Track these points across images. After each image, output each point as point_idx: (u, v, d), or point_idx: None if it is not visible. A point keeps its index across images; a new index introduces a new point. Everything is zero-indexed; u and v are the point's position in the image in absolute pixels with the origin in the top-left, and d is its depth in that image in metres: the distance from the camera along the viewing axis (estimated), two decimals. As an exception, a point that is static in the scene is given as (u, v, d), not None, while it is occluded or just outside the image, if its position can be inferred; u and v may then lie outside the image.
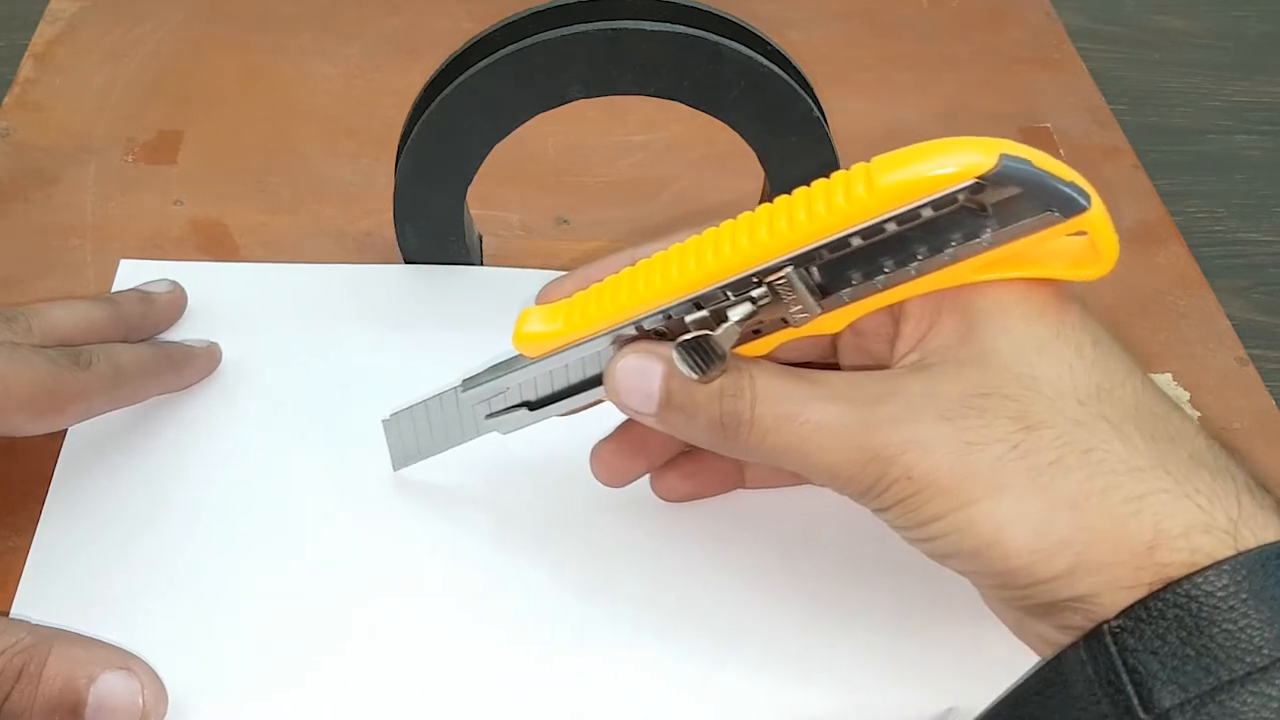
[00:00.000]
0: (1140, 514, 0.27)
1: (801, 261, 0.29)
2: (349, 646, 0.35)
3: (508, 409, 0.36)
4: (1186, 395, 0.45)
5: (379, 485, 0.39)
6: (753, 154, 0.43)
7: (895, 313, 0.31)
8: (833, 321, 0.31)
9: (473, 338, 0.44)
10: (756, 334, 0.31)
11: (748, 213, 0.30)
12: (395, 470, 0.39)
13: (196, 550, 0.37)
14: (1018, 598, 0.29)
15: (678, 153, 0.54)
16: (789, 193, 0.30)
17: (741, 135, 0.43)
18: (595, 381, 0.34)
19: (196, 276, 0.45)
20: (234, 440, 0.40)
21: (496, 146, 0.43)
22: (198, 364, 0.42)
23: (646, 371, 0.32)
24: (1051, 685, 0.28)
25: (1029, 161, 0.28)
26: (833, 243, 0.29)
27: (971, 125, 0.56)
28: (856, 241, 0.29)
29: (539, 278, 0.46)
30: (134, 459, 0.39)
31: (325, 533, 0.38)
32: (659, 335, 0.32)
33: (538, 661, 0.35)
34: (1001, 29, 0.63)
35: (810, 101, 0.42)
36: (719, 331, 0.30)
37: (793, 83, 0.41)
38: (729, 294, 0.30)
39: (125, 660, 0.33)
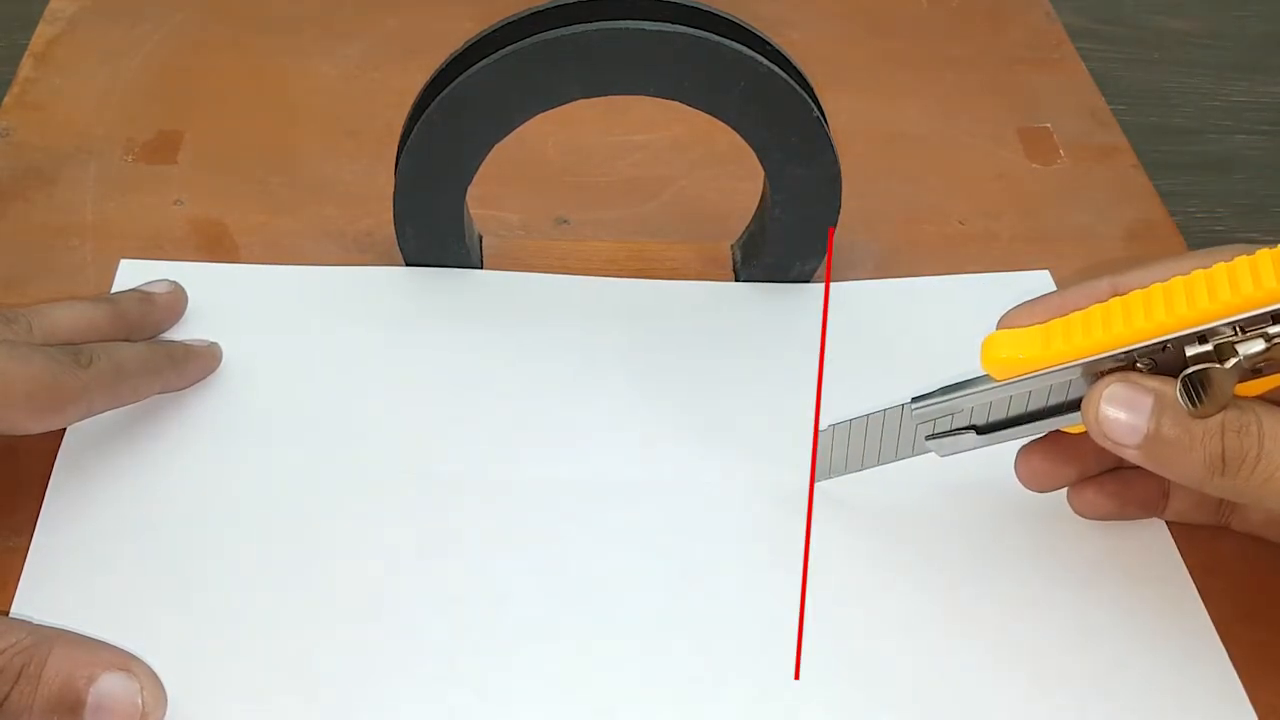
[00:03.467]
0: None
1: None
2: (349, 647, 0.35)
3: (954, 431, 0.36)
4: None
5: (379, 486, 0.39)
6: (753, 154, 0.43)
7: None
8: None
9: (473, 341, 0.44)
10: (1256, 373, 0.31)
11: (1267, 250, 0.30)
12: (819, 481, 0.39)
13: (196, 550, 0.37)
14: None
15: (678, 153, 0.54)
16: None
17: (741, 135, 0.43)
18: (1060, 410, 0.34)
19: (197, 277, 0.45)
20: (234, 440, 0.40)
21: (496, 146, 0.43)
22: (198, 363, 0.42)
23: (1136, 403, 0.31)
24: None
25: None
26: None
27: (971, 125, 0.57)
28: None
29: (539, 281, 0.47)
30: (134, 459, 0.39)
31: (325, 533, 0.38)
32: (1142, 368, 0.32)
33: (539, 667, 0.35)
34: (1001, 29, 0.63)
35: (810, 101, 0.42)
36: (1226, 366, 0.30)
37: (793, 83, 0.41)
38: (1240, 330, 0.30)
39: (125, 660, 0.33)
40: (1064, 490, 0.39)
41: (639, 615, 0.37)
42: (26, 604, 0.36)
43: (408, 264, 0.46)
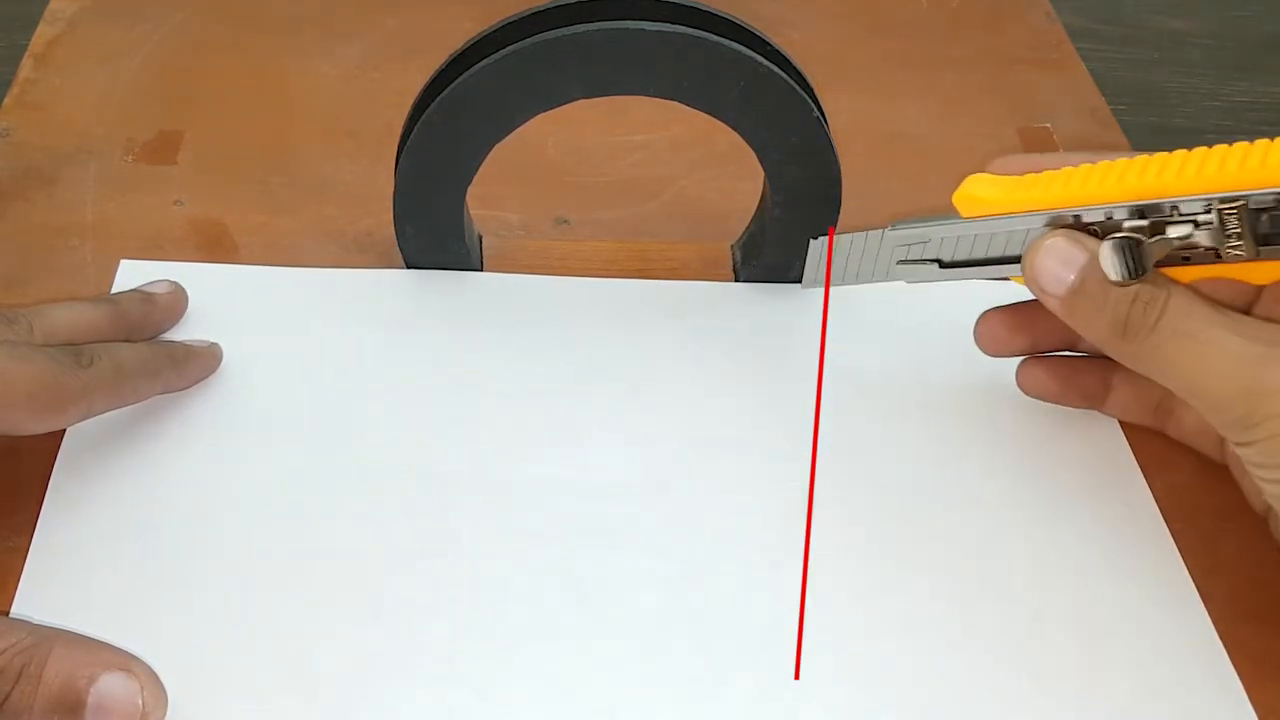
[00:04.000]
0: None
1: (1259, 202, 0.31)
2: (349, 647, 0.35)
3: (921, 260, 0.38)
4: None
5: (379, 487, 0.39)
6: (753, 154, 0.43)
7: None
8: (1264, 272, 0.32)
9: (473, 342, 0.44)
10: (1185, 261, 0.33)
11: (1243, 143, 0.32)
12: (804, 287, 0.43)
13: (196, 551, 0.37)
14: None
15: (678, 153, 0.54)
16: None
17: (741, 135, 0.43)
18: (1013, 260, 0.36)
19: (197, 277, 0.45)
20: (234, 440, 0.40)
21: (496, 146, 0.43)
22: (199, 363, 0.42)
23: (1070, 256, 0.34)
24: None
25: None
26: None
27: (971, 125, 0.57)
28: None
29: (540, 283, 0.47)
30: (134, 459, 0.40)
31: (324, 533, 0.38)
32: (1092, 233, 0.34)
33: (539, 667, 0.35)
34: (1001, 29, 0.63)
35: (810, 101, 0.42)
36: (1152, 241, 0.32)
37: (793, 83, 0.41)
38: (1176, 211, 0.32)
39: (125, 661, 0.33)
40: (1056, 495, 0.40)
41: (639, 615, 0.37)
42: (26, 604, 0.36)
43: (407, 264, 0.46)
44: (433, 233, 0.45)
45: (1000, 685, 0.35)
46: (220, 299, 0.45)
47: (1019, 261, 0.36)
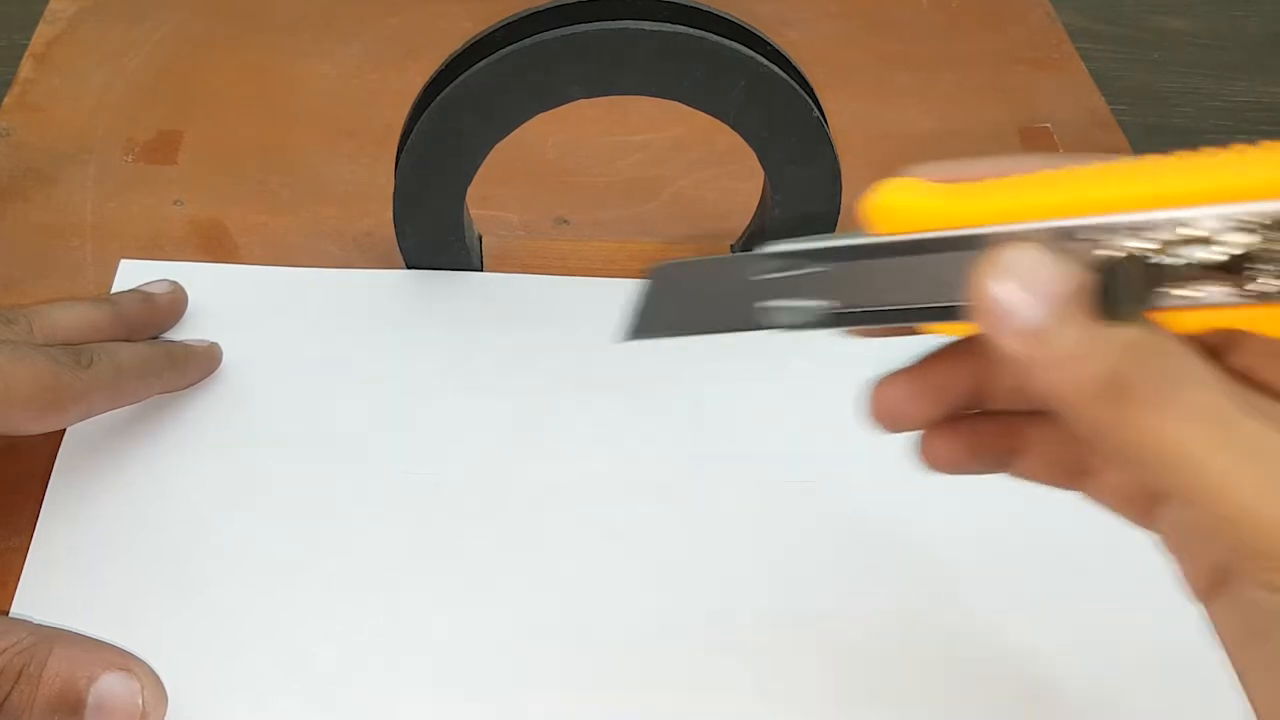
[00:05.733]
0: None
1: None
2: (349, 647, 0.35)
3: (807, 302, 0.27)
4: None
5: (378, 487, 0.39)
6: (753, 154, 0.43)
7: None
8: None
9: (473, 342, 0.44)
10: (1183, 302, 0.23)
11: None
12: (626, 340, 0.29)
13: (196, 551, 0.37)
14: None
15: (678, 153, 0.54)
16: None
17: (741, 135, 0.43)
18: (946, 311, 0.25)
19: (197, 277, 0.45)
20: (234, 440, 0.40)
21: (496, 146, 0.43)
22: (199, 363, 0.42)
23: (1044, 277, 0.23)
24: None
25: None
26: None
27: (971, 125, 0.57)
28: None
29: (539, 283, 0.47)
30: (133, 459, 0.40)
31: (323, 533, 0.38)
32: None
33: (538, 667, 0.35)
34: (1001, 29, 0.63)
35: (810, 101, 0.42)
36: (1156, 265, 0.22)
37: (793, 83, 0.41)
38: (1185, 228, 0.22)
39: (125, 660, 0.33)
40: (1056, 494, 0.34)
41: (639, 617, 0.37)
42: (26, 604, 0.36)
43: (407, 264, 0.46)
44: (433, 233, 0.45)
45: (999, 685, 0.35)
46: (220, 299, 0.45)
47: (956, 309, 0.24)
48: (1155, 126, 0.59)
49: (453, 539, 0.38)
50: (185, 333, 0.43)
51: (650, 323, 0.29)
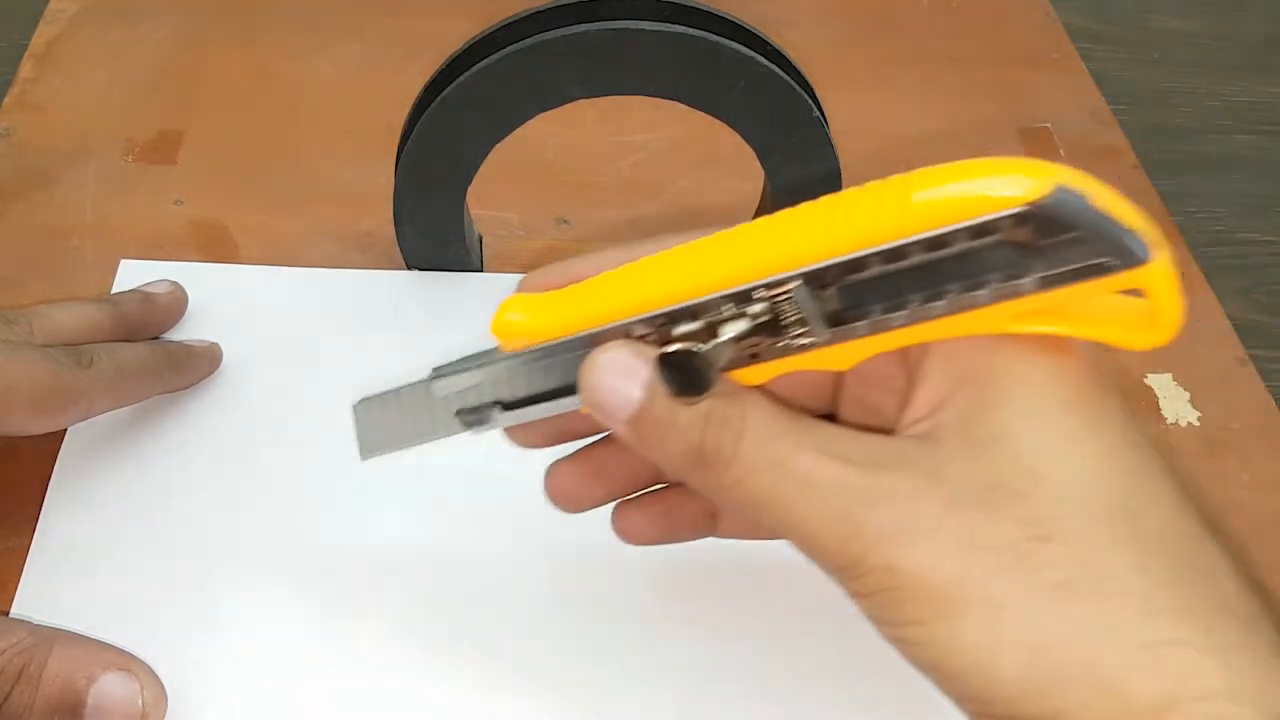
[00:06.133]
0: (1151, 667, 0.23)
1: (813, 279, 0.26)
2: (349, 646, 0.35)
3: (480, 407, 0.32)
4: (1187, 395, 0.45)
5: (378, 485, 0.39)
6: (753, 154, 0.43)
7: (911, 369, 0.27)
8: (841, 356, 0.27)
9: (473, 343, 0.44)
10: (754, 358, 0.28)
11: (764, 217, 0.27)
12: (362, 459, 0.34)
13: (196, 551, 0.37)
14: None
15: (678, 153, 0.54)
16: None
17: (741, 135, 0.43)
18: (575, 389, 0.29)
19: (197, 278, 0.45)
20: (234, 441, 0.40)
21: (496, 146, 0.43)
22: (199, 363, 0.42)
23: (631, 372, 0.27)
24: None
25: (1086, 197, 0.23)
26: (850, 262, 0.25)
27: (971, 125, 0.57)
28: (876, 266, 0.25)
29: (539, 280, 0.47)
30: (134, 459, 0.40)
31: (323, 533, 0.38)
32: (653, 344, 0.28)
33: (537, 667, 0.35)
34: (1001, 29, 0.63)
35: (810, 101, 0.42)
36: (708, 347, 0.27)
37: (793, 83, 0.41)
38: (728, 308, 0.27)
39: (125, 661, 0.33)
40: None
41: (640, 616, 0.37)
42: (26, 604, 0.36)
43: (407, 264, 0.46)
44: (433, 233, 0.45)
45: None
46: (220, 299, 0.45)
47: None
48: (1155, 126, 0.59)
49: (453, 535, 0.38)
50: (185, 333, 0.43)
51: (375, 443, 0.34)
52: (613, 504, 0.34)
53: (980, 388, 0.26)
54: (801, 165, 0.43)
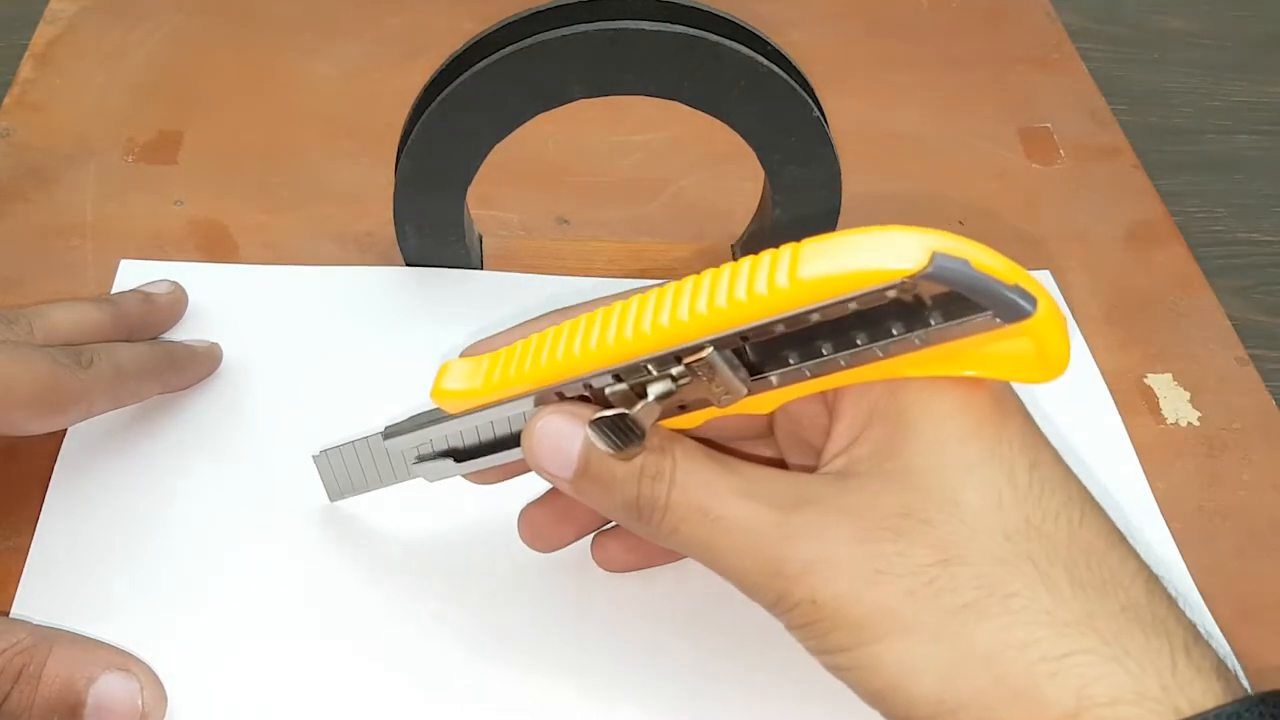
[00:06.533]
0: (1060, 676, 0.24)
1: (723, 344, 0.27)
2: (349, 647, 0.35)
3: (434, 456, 0.34)
4: (1187, 395, 0.45)
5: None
6: (753, 154, 0.43)
7: (830, 407, 0.29)
8: (762, 403, 0.29)
9: (473, 340, 0.44)
10: (683, 409, 0.29)
11: (674, 283, 0.29)
12: (331, 501, 0.38)
13: (196, 551, 0.37)
14: None
15: (678, 153, 0.54)
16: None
17: (741, 135, 0.43)
18: (517, 441, 0.31)
19: (197, 278, 0.45)
20: (234, 440, 0.40)
21: (496, 146, 0.43)
22: (199, 363, 0.42)
23: (566, 436, 0.29)
24: None
25: (966, 262, 0.25)
26: (755, 329, 0.27)
27: (971, 125, 0.57)
28: (781, 328, 0.27)
29: (539, 282, 0.47)
30: (134, 459, 0.39)
31: (324, 533, 0.38)
32: (584, 400, 0.30)
33: (537, 670, 0.35)
34: (1001, 29, 0.63)
35: (810, 101, 0.42)
36: (637, 408, 0.28)
37: (793, 83, 0.41)
38: (651, 369, 0.28)
39: (125, 661, 0.33)
40: None
41: (640, 618, 0.37)
42: (26, 604, 0.36)
43: (407, 263, 0.46)
44: (433, 232, 0.45)
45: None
46: (220, 299, 0.45)
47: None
48: (1155, 126, 0.59)
49: (453, 533, 0.38)
50: (185, 333, 0.43)
51: (339, 488, 0.37)
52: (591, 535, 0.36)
53: (889, 424, 0.28)
54: (801, 165, 0.43)
